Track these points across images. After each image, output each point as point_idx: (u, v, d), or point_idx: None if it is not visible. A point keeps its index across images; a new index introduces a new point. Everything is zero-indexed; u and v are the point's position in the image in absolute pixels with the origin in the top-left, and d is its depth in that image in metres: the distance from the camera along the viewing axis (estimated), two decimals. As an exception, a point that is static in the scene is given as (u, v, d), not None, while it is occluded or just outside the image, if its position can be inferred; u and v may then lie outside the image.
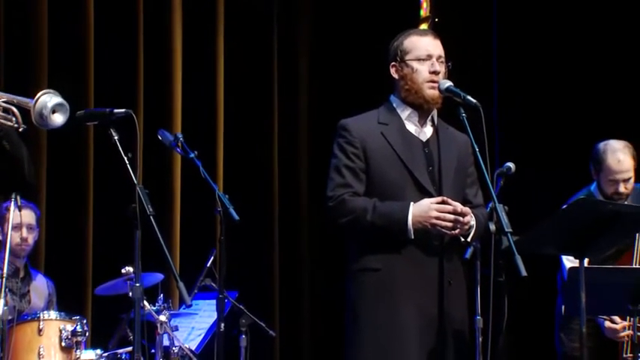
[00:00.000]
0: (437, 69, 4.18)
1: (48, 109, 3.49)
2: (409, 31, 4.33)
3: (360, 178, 4.16)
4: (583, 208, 4.07)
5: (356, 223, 4.10)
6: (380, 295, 4.07)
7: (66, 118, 3.54)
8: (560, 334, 5.20)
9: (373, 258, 4.11)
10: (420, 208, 4.05)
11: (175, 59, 6.34)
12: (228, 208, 4.33)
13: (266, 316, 5.79)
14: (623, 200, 5.10)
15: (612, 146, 5.11)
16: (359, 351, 4.08)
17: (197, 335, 5.53)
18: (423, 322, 4.06)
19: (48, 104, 3.49)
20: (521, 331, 5.36)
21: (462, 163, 4.24)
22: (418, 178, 4.14)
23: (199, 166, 4.45)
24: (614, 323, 4.90)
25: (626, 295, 4.28)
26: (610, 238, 4.16)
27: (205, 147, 5.41)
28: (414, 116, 4.23)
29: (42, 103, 3.48)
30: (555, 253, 4.94)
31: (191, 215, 6.25)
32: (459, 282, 4.17)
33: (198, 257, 5.56)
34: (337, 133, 4.23)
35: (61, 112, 3.52)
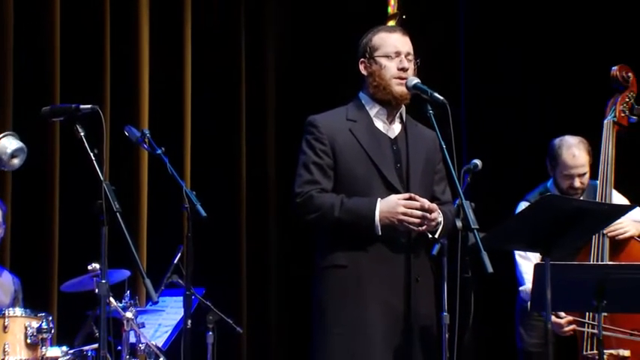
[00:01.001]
0: (405, 66, 4.20)
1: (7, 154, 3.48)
2: (378, 27, 4.34)
3: (328, 175, 4.16)
4: (549, 205, 4.09)
5: (323, 220, 4.11)
6: (346, 292, 4.08)
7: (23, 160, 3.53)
8: (520, 329, 5.24)
9: (340, 255, 4.11)
10: (388, 204, 4.06)
11: (142, 55, 6.31)
12: (196, 205, 4.32)
13: (233, 312, 5.78)
14: (579, 195, 5.16)
15: (567, 142, 5.18)
16: (325, 348, 4.08)
17: (164, 332, 5.51)
18: (390, 319, 4.07)
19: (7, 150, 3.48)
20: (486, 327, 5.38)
21: (430, 159, 4.25)
22: (386, 175, 4.15)
23: (166, 163, 4.43)
24: (559, 318, 4.96)
25: (590, 291, 4.30)
26: (575, 235, 4.18)
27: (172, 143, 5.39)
28: (382, 113, 4.24)
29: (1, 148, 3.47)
30: (521, 249, 4.98)
31: (158, 212, 6.23)
32: (427, 279, 4.18)
33: (166, 254, 5.54)
34: (305, 129, 4.23)
35: (20, 157, 3.52)
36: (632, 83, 5.33)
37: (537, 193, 5.28)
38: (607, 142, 5.18)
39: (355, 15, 6.58)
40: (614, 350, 4.86)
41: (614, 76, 5.33)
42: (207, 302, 5.31)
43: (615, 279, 4.31)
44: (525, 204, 5.25)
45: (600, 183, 5.13)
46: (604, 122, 5.24)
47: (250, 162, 6.77)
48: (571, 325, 4.92)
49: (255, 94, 6.85)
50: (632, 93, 5.31)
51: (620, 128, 5.25)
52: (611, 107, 5.28)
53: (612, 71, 5.34)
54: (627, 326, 4.88)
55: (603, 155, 5.16)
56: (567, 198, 4.87)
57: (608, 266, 4.65)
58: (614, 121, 5.23)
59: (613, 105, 5.28)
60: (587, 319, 4.93)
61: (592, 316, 4.92)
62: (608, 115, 5.26)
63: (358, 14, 6.57)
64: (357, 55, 4.27)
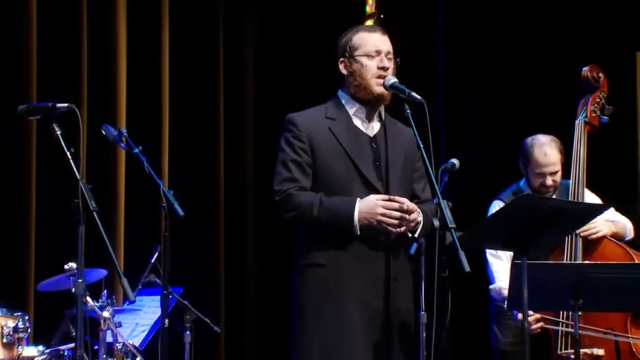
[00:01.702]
0: (385, 65, 4.21)
1: None
2: (358, 27, 4.35)
3: (307, 173, 4.17)
4: (526, 205, 4.11)
5: (302, 218, 4.11)
6: (325, 291, 4.09)
7: None
8: (495, 329, 5.27)
9: (319, 254, 4.12)
10: (367, 204, 4.07)
11: (120, 53, 6.28)
12: (173, 204, 4.31)
13: (211, 312, 5.78)
14: (551, 194, 5.20)
15: (539, 140, 5.22)
16: (304, 347, 4.09)
17: (141, 331, 5.49)
18: (368, 317, 4.08)
19: None
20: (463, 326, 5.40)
21: (409, 158, 4.27)
22: (365, 174, 4.16)
23: (144, 162, 4.42)
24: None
25: (567, 290, 4.32)
26: (551, 234, 4.21)
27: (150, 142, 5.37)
28: (361, 112, 4.25)
29: None
30: (498, 248, 5.01)
31: (135, 211, 6.21)
32: (405, 277, 4.19)
33: (143, 253, 5.52)
34: (284, 127, 4.23)
35: None
36: (603, 83, 5.37)
37: (510, 192, 5.32)
38: (579, 142, 5.22)
39: (334, 14, 6.59)
40: (588, 349, 4.89)
41: (585, 76, 5.37)
42: (184, 301, 5.30)
43: (591, 278, 4.33)
44: (498, 202, 5.28)
45: (572, 182, 5.17)
46: (575, 122, 5.28)
47: (228, 160, 6.76)
48: (539, 323, 4.96)
49: (234, 93, 6.84)
50: (603, 93, 5.35)
51: (591, 128, 5.29)
52: (582, 107, 5.32)
53: (583, 72, 5.38)
54: (600, 325, 4.92)
55: (575, 155, 5.20)
56: (544, 197, 4.90)
57: (584, 265, 4.68)
58: (586, 121, 5.27)
59: (584, 105, 5.32)
60: (562, 318, 4.97)
61: (566, 315, 4.95)
62: (579, 116, 5.30)
63: (337, 13, 6.58)
64: (337, 55, 4.28)
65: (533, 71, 6.75)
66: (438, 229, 4.02)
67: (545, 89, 6.65)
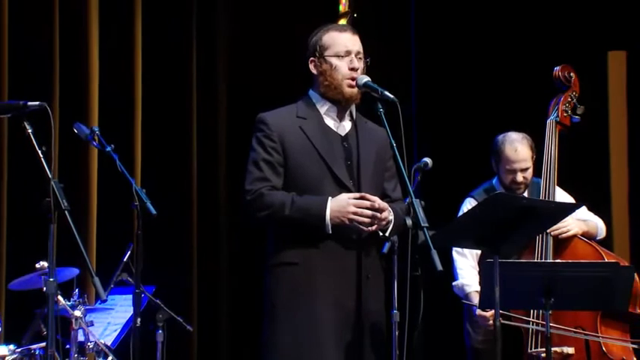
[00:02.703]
0: (356, 65, 4.22)
1: None
2: (328, 26, 4.35)
3: (278, 172, 4.17)
4: (498, 203, 4.12)
5: (274, 217, 4.11)
6: (297, 290, 4.09)
7: None
8: (468, 327, 5.30)
9: (291, 252, 4.12)
10: (338, 203, 4.08)
11: (92, 51, 6.26)
12: (146, 203, 4.30)
13: (183, 310, 5.76)
14: (521, 191, 5.24)
15: (510, 137, 5.27)
16: (276, 345, 4.08)
17: (113, 330, 5.48)
18: (340, 316, 4.08)
19: None
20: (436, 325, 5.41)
21: (380, 157, 4.28)
22: (336, 173, 4.16)
23: (116, 160, 4.41)
24: (485, 310, 5.03)
25: (538, 289, 4.35)
26: (523, 233, 4.23)
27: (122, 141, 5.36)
28: (332, 111, 4.26)
29: None
30: (470, 247, 5.02)
31: (108, 210, 6.19)
32: (377, 276, 4.20)
33: (115, 252, 5.50)
34: (255, 127, 4.23)
35: None
36: (575, 83, 5.40)
37: (482, 190, 5.35)
38: (550, 142, 5.26)
39: (307, 13, 6.59)
40: (559, 348, 4.92)
41: (557, 76, 5.40)
42: (156, 300, 5.29)
43: (562, 277, 4.36)
44: (470, 200, 5.32)
45: (544, 181, 5.20)
46: (547, 122, 5.31)
47: (201, 159, 6.74)
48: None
49: (206, 91, 6.82)
50: (574, 93, 5.39)
51: (563, 128, 5.32)
52: (553, 107, 5.35)
53: (555, 71, 5.41)
54: (570, 324, 4.95)
55: (547, 154, 5.23)
56: (515, 196, 4.93)
57: (555, 264, 4.71)
58: (557, 120, 5.31)
59: (556, 105, 5.35)
60: (532, 317, 5.00)
61: (536, 314, 4.98)
62: (550, 115, 5.34)
63: (310, 12, 6.58)
64: (307, 54, 4.28)
65: (506, 70, 6.78)
66: (411, 227, 4.02)
67: (517, 88, 6.67)
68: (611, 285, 4.44)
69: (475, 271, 5.20)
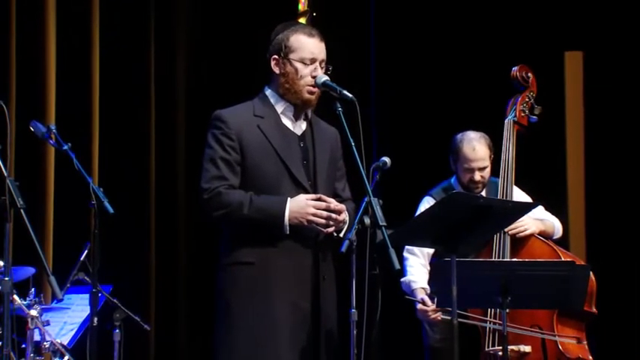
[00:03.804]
0: (319, 74, 4.21)
1: None
2: (296, 26, 4.32)
3: (236, 171, 4.15)
4: (456, 203, 4.14)
5: (231, 217, 4.10)
6: (253, 289, 4.08)
7: None
8: (426, 326, 5.33)
9: (247, 251, 4.11)
10: (297, 204, 4.08)
11: (49, 49, 6.21)
12: (103, 201, 4.28)
13: (141, 310, 5.73)
14: (479, 190, 5.27)
15: (468, 136, 5.30)
16: (230, 346, 4.07)
17: (69, 330, 5.44)
18: (296, 316, 4.08)
19: None
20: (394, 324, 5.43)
21: (333, 156, 4.29)
22: (294, 172, 4.16)
23: (73, 158, 4.38)
24: (426, 305, 5.08)
25: (495, 288, 4.37)
26: (481, 232, 4.25)
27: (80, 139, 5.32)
28: (289, 110, 4.25)
29: None
30: (428, 246, 5.05)
31: (65, 208, 6.14)
32: (332, 277, 4.21)
33: (72, 251, 5.47)
34: (212, 124, 4.21)
35: None
36: (532, 83, 5.45)
37: (440, 189, 5.38)
38: (508, 141, 5.30)
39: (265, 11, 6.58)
40: (515, 346, 4.95)
41: (515, 76, 5.45)
42: (114, 300, 5.26)
43: (519, 276, 4.39)
44: (428, 199, 5.34)
45: (502, 181, 5.24)
46: (505, 122, 5.35)
47: (159, 158, 6.71)
48: (437, 313, 5.04)
49: (165, 89, 6.79)
50: (532, 93, 5.43)
51: (520, 128, 5.36)
52: (511, 107, 5.39)
53: (513, 71, 5.45)
54: (527, 322, 4.99)
55: (504, 154, 5.27)
56: (473, 196, 4.95)
57: (512, 263, 4.74)
58: (515, 120, 5.35)
59: (514, 105, 5.39)
60: (489, 315, 5.03)
61: (493, 313, 5.01)
62: (508, 115, 5.37)
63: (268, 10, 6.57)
64: (270, 49, 4.26)
65: (465, 70, 6.81)
66: (369, 226, 4.03)
67: (475, 88, 6.71)
68: (568, 284, 4.49)
69: (425, 270, 5.25)
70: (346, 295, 4.10)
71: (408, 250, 5.27)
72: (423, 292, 5.17)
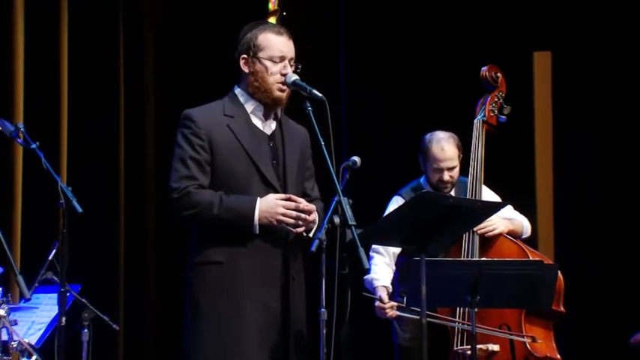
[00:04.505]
0: (288, 72, 4.21)
1: None
2: (264, 25, 4.32)
3: (206, 171, 4.14)
4: (425, 202, 4.16)
5: (201, 217, 4.09)
6: (221, 289, 4.07)
7: None
8: (395, 325, 5.35)
9: (216, 251, 4.10)
10: (267, 203, 4.07)
11: (17, 48, 6.17)
12: (71, 201, 4.26)
13: (110, 309, 5.70)
14: (448, 190, 5.29)
15: (437, 136, 5.33)
16: (198, 345, 4.06)
17: (37, 329, 5.40)
18: (265, 316, 4.08)
19: None
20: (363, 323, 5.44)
21: (302, 156, 4.30)
22: (264, 172, 4.15)
23: (41, 157, 4.36)
24: (383, 302, 5.11)
25: (465, 287, 4.39)
26: (450, 232, 4.27)
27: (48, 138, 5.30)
28: (259, 110, 4.25)
29: None
30: (397, 245, 5.06)
31: (33, 207, 6.11)
32: (302, 277, 4.21)
33: (40, 250, 5.44)
34: (182, 123, 4.19)
35: None
36: (501, 83, 5.48)
37: (410, 189, 5.40)
38: (477, 141, 5.32)
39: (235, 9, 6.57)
40: (484, 345, 4.98)
41: (484, 76, 5.47)
42: (82, 299, 5.23)
43: (488, 275, 4.41)
44: (397, 198, 5.36)
45: (471, 180, 5.26)
46: (474, 121, 5.37)
47: (129, 157, 6.69)
48: (393, 310, 5.08)
49: (134, 88, 6.77)
50: (501, 93, 5.46)
51: (489, 127, 5.39)
52: (481, 107, 5.42)
53: (482, 71, 5.48)
54: (495, 321, 5.01)
55: (474, 153, 5.30)
56: (442, 195, 4.97)
57: (481, 262, 4.76)
58: (484, 120, 5.38)
59: (483, 105, 5.42)
60: (458, 315, 5.05)
61: (462, 312, 5.03)
62: (478, 115, 5.40)
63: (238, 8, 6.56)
64: (238, 49, 4.26)
65: (434, 70, 6.83)
66: (339, 226, 4.04)
67: (445, 88, 6.73)
68: (536, 283, 4.51)
69: (389, 269, 5.28)
70: (316, 294, 4.10)
71: (373, 248, 5.30)
72: (384, 290, 5.20)
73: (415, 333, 5.11)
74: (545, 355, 5.00)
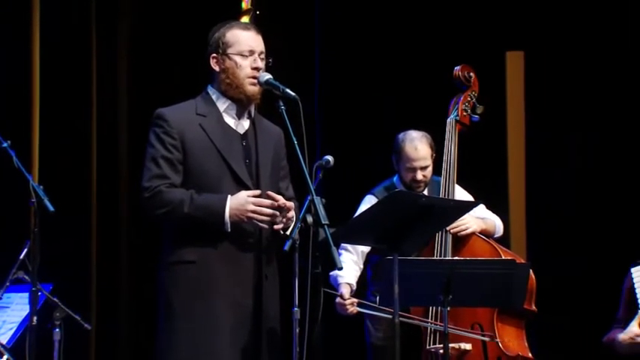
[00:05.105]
0: (259, 65, 4.21)
1: None
2: (231, 23, 4.34)
3: (178, 170, 4.14)
4: (398, 201, 4.16)
5: (172, 215, 4.08)
6: (194, 289, 4.06)
7: None
8: (368, 323, 5.36)
9: (188, 250, 4.09)
10: (237, 200, 4.07)
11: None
12: (43, 199, 4.25)
13: (81, 309, 5.68)
14: (422, 189, 5.31)
15: (410, 135, 5.34)
16: (171, 345, 4.05)
17: (9, 329, 5.38)
18: (237, 316, 4.07)
19: None
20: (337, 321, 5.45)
21: (277, 155, 4.29)
22: (236, 171, 4.15)
23: (13, 156, 4.34)
24: (343, 299, 5.14)
25: (438, 286, 4.40)
26: (423, 231, 4.27)
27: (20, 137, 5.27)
28: (232, 108, 4.25)
29: None
30: (370, 245, 5.07)
31: (4, 206, 6.08)
32: (274, 277, 4.21)
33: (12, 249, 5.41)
34: (154, 122, 4.19)
35: None
36: (474, 83, 5.50)
37: (383, 188, 5.41)
38: (450, 140, 5.34)
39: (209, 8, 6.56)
40: (456, 344, 4.99)
41: (457, 76, 5.49)
42: (54, 298, 5.21)
43: (461, 274, 4.42)
44: (370, 198, 5.37)
45: (444, 179, 5.28)
46: (447, 121, 5.39)
47: (101, 156, 6.66)
48: (353, 307, 5.11)
49: (107, 87, 6.74)
50: (474, 92, 5.48)
51: (462, 127, 5.41)
52: (454, 106, 5.43)
53: (455, 71, 5.50)
54: (468, 320, 5.03)
55: (446, 153, 5.31)
56: (415, 194, 4.98)
57: (454, 261, 4.77)
58: (457, 119, 5.39)
59: (456, 104, 5.44)
60: (430, 314, 5.06)
61: (434, 311, 5.05)
62: (451, 114, 5.41)
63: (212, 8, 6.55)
64: (208, 49, 4.26)
65: (407, 70, 6.84)
66: (312, 225, 4.04)
67: (418, 88, 6.74)
68: (508, 282, 4.53)
69: (356, 267, 5.29)
70: (289, 293, 4.10)
71: (342, 246, 5.31)
72: (348, 287, 5.21)
73: (388, 332, 5.13)
74: (517, 354, 5.02)
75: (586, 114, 6.83)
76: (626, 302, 5.04)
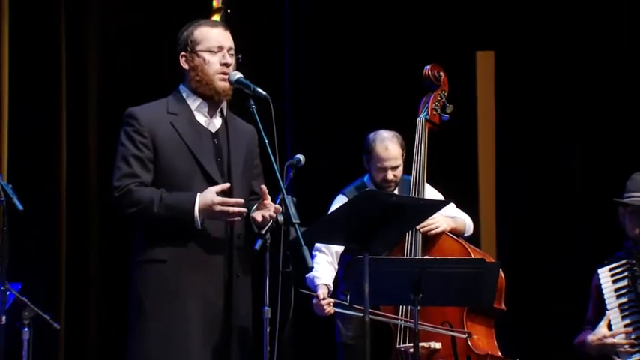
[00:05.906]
0: (228, 61, 4.21)
1: None
2: (199, 21, 4.34)
3: (148, 169, 4.13)
4: (368, 200, 4.17)
5: (142, 214, 4.07)
6: (165, 288, 4.06)
7: None
8: (338, 322, 5.37)
9: (159, 249, 4.08)
10: (204, 197, 4.06)
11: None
12: (12, 198, 4.23)
13: (51, 308, 5.66)
14: (392, 189, 5.32)
15: (381, 135, 5.35)
16: (142, 344, 4.05)
17: (-23, 329, 5.34)
18: (209, 315, 4.07)
19: None
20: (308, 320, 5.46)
21: (249, 154, 4.29)
22: (207, 169, 4.15)
23: (-18, 155, 4.32)
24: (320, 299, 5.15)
25: (408, 285, 4.41)
26: (393, 230, 4.28)
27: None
28: (203, 107, 4.24)
29: None
30: (341, 244, 5.07)
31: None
32: (246, 276, 4.21)
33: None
34: (125, 121, 4.18)
35: None
36: (444, 82, 5.51)
37: (354, 188, 5.42)
38: (420, 140, 5.35)
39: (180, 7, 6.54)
40: (426, 343, 5.01)
41: (427, 75, 5.50)
42: (23, 298, 5.18)
43: (431, 273, 4.43)
44: (342, 197, 5.38)
45: (414, 179, 5.29)
46: (417, 120, 5.41)
47: (71, 155, 6.63)
48: (330, 307, 5.12)
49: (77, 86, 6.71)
50: (443, 92, 5.49)
51: (432, 126, 5.43)
52: (424, 105, 5.45)
53: (425, 70, 5.51)
54: (437, 319, 5.05)
55: (417, 152, 5.33)
56: (386, 194, 4.99)
57: (424, 260, 4.79)
58: (427, 119, 5.41)
59: (426, 103, 5.45)
60: (401, 312, 5.08)
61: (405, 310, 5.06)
62: (421, 114, 5.43)
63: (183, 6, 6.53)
64: (177, 48, 4.26)
65: (378, 69, 6.86)
66: (283, 224, 4.05)
67: (388, 87, 6.76)
68: (478, 281, 4.54)
69: (331, 267, 5.30)
70: (259, 292, 4.10)
71: (316, 247, 5.32)
72: (325, 287, 5.21)
73: (358, 331, 5.14)
74: (487, 352, 5.05)
75: (556, 114, 6.87)
76: (595, 303, 5.08)
